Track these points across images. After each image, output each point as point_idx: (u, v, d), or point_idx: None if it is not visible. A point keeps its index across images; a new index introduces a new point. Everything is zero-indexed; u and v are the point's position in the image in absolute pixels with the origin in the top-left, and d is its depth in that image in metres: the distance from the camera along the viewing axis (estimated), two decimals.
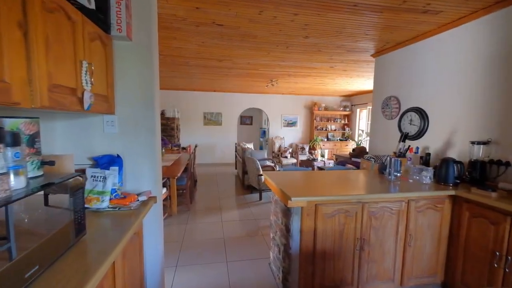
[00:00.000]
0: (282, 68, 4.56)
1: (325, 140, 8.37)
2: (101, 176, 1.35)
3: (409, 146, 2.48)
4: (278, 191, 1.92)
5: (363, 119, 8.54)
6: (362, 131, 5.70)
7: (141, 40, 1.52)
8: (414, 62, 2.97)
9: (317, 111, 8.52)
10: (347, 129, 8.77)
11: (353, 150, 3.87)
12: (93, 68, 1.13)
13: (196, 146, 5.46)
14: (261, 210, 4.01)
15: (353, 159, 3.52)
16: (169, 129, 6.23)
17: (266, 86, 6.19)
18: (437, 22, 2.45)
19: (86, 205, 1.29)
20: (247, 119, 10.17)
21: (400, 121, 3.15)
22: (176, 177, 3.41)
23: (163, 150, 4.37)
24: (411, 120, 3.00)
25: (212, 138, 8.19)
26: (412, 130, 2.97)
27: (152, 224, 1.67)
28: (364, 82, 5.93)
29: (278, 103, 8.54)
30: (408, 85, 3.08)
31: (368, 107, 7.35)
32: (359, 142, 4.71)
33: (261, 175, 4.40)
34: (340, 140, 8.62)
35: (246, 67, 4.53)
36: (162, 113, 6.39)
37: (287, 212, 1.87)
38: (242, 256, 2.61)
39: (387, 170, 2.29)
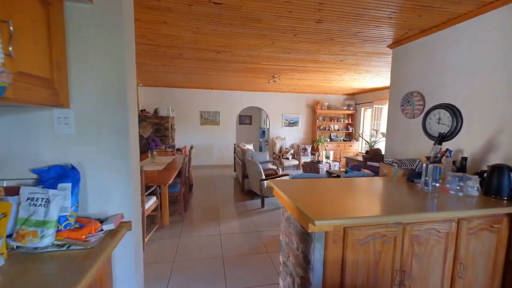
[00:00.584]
0: (286, 62, 4.14)
1: (328, 140, 7.97)
2: (42, 199, 0.91)
3: (446, 149, 2.07)
4: (295, 210, 1.50)
5: (367, 118, 8.16)
6: (376, 131, 5.30)
7: (108, 4, 1.08)
8: (444, 52, 2.57)
9: (320, 110, 8.11)
10: (350, 128, 8.38)
11: (367, 152, 3.47)
12: (11, 29, 0.69)
13: (191, 148, 5.02)
14: (263, 219, 3.58)
15: (368, 162, 3.11)
16: (162, 129, 5.79)
17: (268, 83, 5.77)
18: (480, 0, 2.04)
19: (16, 243, 0.86)
20: (246, 118, 9.73)
21: (425, 120, 2.74)
22: (168, 184, 2.97)
23: (155, 153, 3.93)
24: (439, 118, 2.59)
25: (209, 138, 7.74)
26: (441, 130, 2.56)
27: (126, 260, 1.22)
28: (372, 78, 5.53)
29: (279, 102, 8.11)
30: (435, 78, 2.67)
31: (374, 105, 6.96)
32: (372, 144, 4.29)
33: (264, 180, 3.98)
34: (344, 140, 8.23)
35: (247, 60, 4.10)
36: (156, 112, 5.94)
37: (305, 237, 1.44)
38: (245, 281, 2.19)
39: (423, 179, 1.88)
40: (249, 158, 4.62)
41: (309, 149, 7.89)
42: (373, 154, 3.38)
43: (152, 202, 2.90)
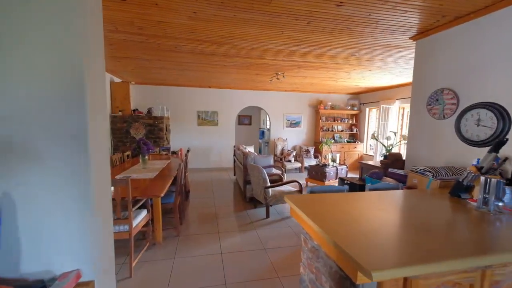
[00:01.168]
0: (293, 56, 3.74)
1: (333, 141, 7.59)
2: None
3: (506, 158, 1.70)
4: (332, 248, 1.09)
5: (372, 118, 7.81)
6: (394, 133, 4.93)
7: None
8: (485, 42, 2.19)
9: (323, 110, 7.74)
10: (355, 129, 8.03)
11: (385, 157, 3.09)
12: None
13: (188, 151, 4.59)
14: (270, 233, 3.18)
15: (390, 169, 2.73)
16: (156, 130, 5.35)
17: (270, 81, 5.37)
18: None
19: None
20: (246, 118, 9.31)
21: (459, 121, 2.37)
22: (161, 196, 2.55)
23: (146, 157, 3.51)
24: (478, 119, 2.22)
25: (207, 139, 7.31)
26: (481, 133, 2.19)
27: None
28: (382, 76, 5.16)
29: (280, 101, 7.72)
30: (472, 73, 2.30)
31: (381, 105, 6.60)
32: (389, 147, 3.89)
33: (269, 187, 3.58)
34: (348, 142, 7.87)
35: (250, 55, 3.69)
36: (149, 112, 5.50)
37: (346, 286, 1.04)
38: None
39: (481, 196, 1.49)
40: (251, 163, 4.22)
41: (312, 151, 7.51)
42: (393, 160, 3.00)
43: (142, 217, 2.47)
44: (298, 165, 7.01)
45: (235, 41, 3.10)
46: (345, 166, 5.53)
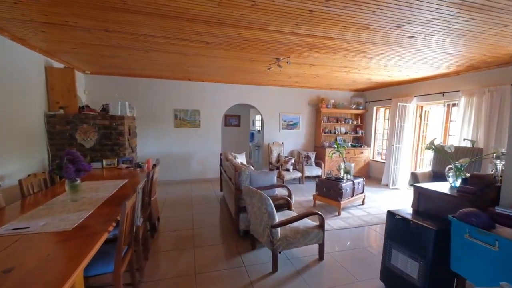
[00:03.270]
0: (310, 26, 2.51)
1: (335, 146, 6.47)
2: None
3: None
4: None
5: (380, 119, 6.80)
6: (472, 142, 3.81)
7: None
8: None
9: (325, 109, 6.61)
10: (360, 131, 6.98)
11: (465, 181, 1.94)
12: None
13: (155, 165, 3.23)
14: None
15: (498, 209, 1.57)
16: (114, 134, 3.91)
17: (268, 69, 4.12)
18: None
19: None
20: (234, 119, 7.96)
21: None
22: (83, 268, 1.20)
23: (78, 182, 2.12)
24: None
25: (187, 145, 5.93)
26: None
27: None
28: (409, 66, 4.08)
29: (275, 98, 6.50)
30: None
31: (399, 103, 5.56)
32: (462, 165, 2.67)
33: (277, 226, 2.32)
34: (353, 146, 6.80)
35: (245, 23, 2.41)
36: (104, 109, 4.05)
37: None
38: None
39: None
40: (246, 184, 2.94)
41: (313, 157, 6.36)
42: (480, 186, 1.87)
43: None
44: (298, 174, 5.82)
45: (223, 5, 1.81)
46: (362, 180, 4.39)
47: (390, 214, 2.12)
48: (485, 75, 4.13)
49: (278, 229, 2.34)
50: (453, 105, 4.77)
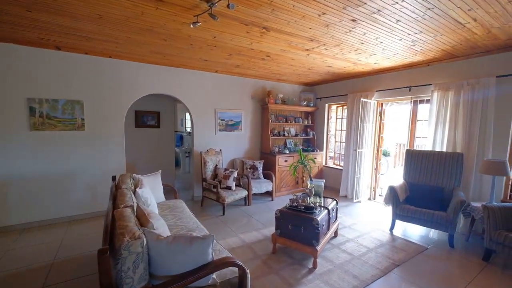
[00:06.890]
0: None
1: (286, 152, 5.19)
2: None
3: None
4: None
5: (332, 118, 5.90)
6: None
7: None
8: None
9: (273, 104, 5.23)
10: (311, 133, 5.92)
11: None
12: None
13: None
14: None
15: None
16: None
17: (192, 25, 2.34)
18: None
19: None
20: (151, 116, 5.64)
21: None
22: None
23: None
24: None
25: (59, 160, 3.50)
26: None
27: None
28: (378, 50, 3.03)
29: (209, 89, 4.71)
30: None
31: (362, 99, 4.62)
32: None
33: None
34: (305, 150, 5.62)
35: None
36: None
37: None
38: None
39: None
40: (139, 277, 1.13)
41: (260, 167, 4.88)
42: None
43: None
44: (243, 193, 4.23)
45: None
46: (335, 203, 3.12)
47: None
48: (464, 65, 3.46)
49: None
50: (421, 101, 4.08)
